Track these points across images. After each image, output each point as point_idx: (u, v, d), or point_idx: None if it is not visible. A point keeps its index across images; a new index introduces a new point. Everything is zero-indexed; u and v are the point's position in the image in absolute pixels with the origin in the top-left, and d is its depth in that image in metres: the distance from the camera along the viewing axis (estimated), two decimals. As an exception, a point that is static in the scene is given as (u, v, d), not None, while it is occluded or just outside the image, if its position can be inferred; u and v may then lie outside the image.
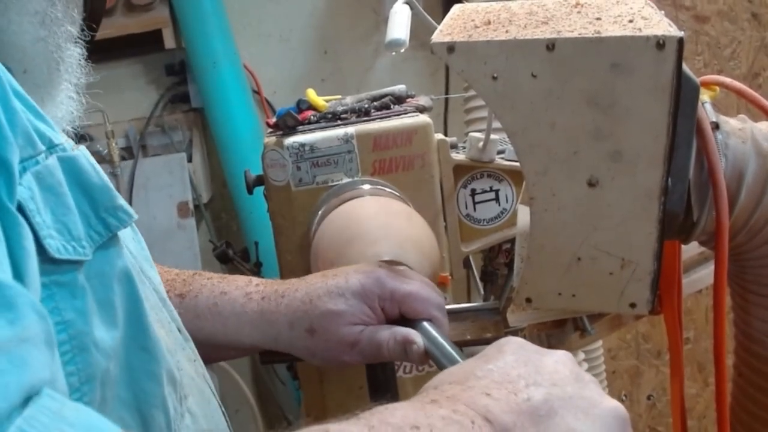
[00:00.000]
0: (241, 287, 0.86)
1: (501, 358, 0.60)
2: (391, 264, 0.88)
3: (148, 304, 0.63)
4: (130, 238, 0.72)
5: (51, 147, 0.54)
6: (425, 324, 0.80)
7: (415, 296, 0.80)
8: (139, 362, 0.60)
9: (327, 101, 1.18)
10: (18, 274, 0.46)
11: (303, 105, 1.17)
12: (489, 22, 0.78)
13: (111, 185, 0.58)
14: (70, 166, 0.54)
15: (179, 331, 0.75)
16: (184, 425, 0.66)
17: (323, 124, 1.13)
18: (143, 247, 0.75)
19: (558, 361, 0.61)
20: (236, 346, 0.86)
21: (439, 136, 1.15)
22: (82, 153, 0.57)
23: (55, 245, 0.51)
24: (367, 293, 0.80)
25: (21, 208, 0.49)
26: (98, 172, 0.57)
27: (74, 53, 0.64)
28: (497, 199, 1.19)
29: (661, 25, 0.72)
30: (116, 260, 0.58)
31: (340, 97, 1.21)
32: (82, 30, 0.65)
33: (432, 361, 0.78)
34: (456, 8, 0.85)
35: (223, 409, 0.77)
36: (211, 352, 0.86)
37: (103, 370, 0.55)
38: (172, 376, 0.65)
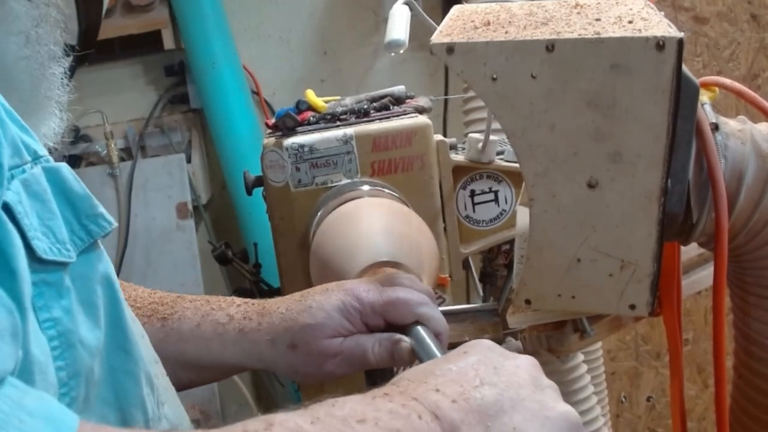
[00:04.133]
0: (223, 308, 0.87)
1: (464, 359, 0.61)
2: (387, 266, 0.88)
3: (128, 312, 0.65)
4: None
5: (36, 158, 0.56)
6: (417, 328, 0.79)
7: (395, 303, 0.80)
8: (119, 362, 0.62)
9: (326, 102, 1.18)
10: (11, 268, 0.48)
11: (302, 106, 1.17)
12: (488, 23, 0.78)
13: (91, 195, 0.60)
14: (53, 175, 0.57)
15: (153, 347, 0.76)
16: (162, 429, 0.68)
17: (322, 125, 1.13)
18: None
19: (519, 365, 0.62)
20: (221, 368, 0.87)
21: (439, 137, 1.15)
22: (63, 165, 0.59)
23: (42, 246, 0.53)
24: (348, 309, 0.81)
25: (10, 210, 0.51)
26: (79, 182, 0.60)
27: (56, 72, 0.66)
28: (496, 200, 1.19)
29: (661, 26, 0.72)
30: (97, 264, 0.60)
31: (339, 97, 1.21)
32: (65, 51, 0.67)
33: (419, 363, 0.78)
34: (455, 9, 0.85)
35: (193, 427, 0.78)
36: (198, 374, 0.87)
37: (87, 368, 0.56)
38: (150, 378, 0.66)
